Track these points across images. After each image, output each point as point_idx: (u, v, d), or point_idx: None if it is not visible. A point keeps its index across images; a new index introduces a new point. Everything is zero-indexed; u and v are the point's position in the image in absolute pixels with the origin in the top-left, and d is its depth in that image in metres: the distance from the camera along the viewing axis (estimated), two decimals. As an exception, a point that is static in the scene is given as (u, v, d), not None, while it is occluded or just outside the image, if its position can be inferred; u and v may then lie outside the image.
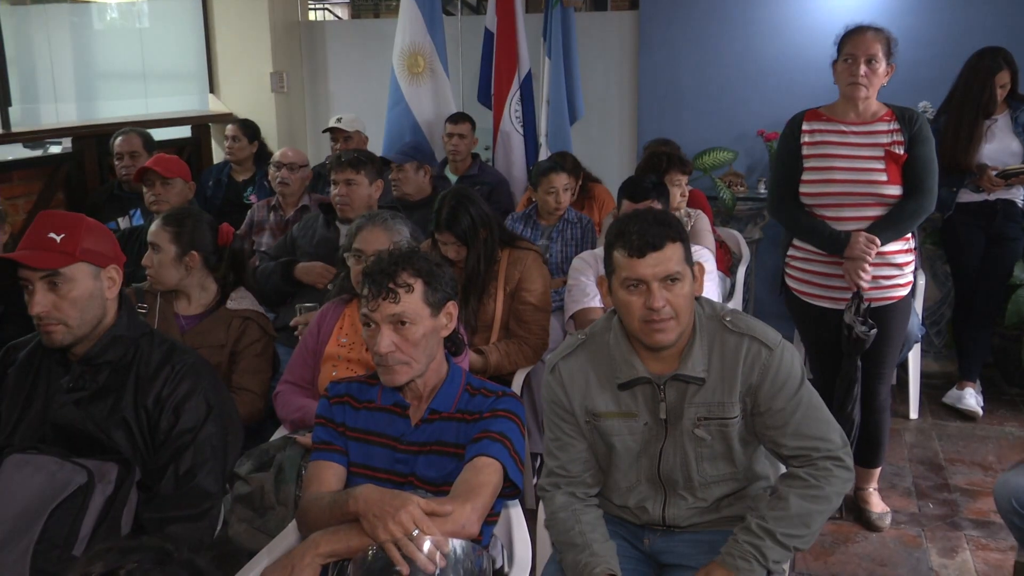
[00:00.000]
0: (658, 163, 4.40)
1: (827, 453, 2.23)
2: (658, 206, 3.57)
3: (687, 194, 4.49)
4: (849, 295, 3.42)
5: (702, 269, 2.36)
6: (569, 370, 2.38)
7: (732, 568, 2.15)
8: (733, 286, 4.73)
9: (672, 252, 2.19)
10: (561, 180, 4.61)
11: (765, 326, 2.31)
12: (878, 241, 3.33)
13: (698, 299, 2.35)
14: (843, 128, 3.46)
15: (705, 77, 6.04)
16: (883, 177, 3.37)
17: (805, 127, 3.53)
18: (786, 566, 2.26)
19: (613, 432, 2.33)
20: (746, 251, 5.11)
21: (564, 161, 4.95)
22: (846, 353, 3.47)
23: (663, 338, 2.21)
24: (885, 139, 3.40)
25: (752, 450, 2.37)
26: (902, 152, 3.37)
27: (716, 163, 5.83)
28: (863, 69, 3.34)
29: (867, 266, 3.34)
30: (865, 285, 3.37)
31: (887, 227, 3.37)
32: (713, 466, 2.33)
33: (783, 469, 2.36)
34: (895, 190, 3.38)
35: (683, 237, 2.26)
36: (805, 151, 3.50)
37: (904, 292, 3.53)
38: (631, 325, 2.25)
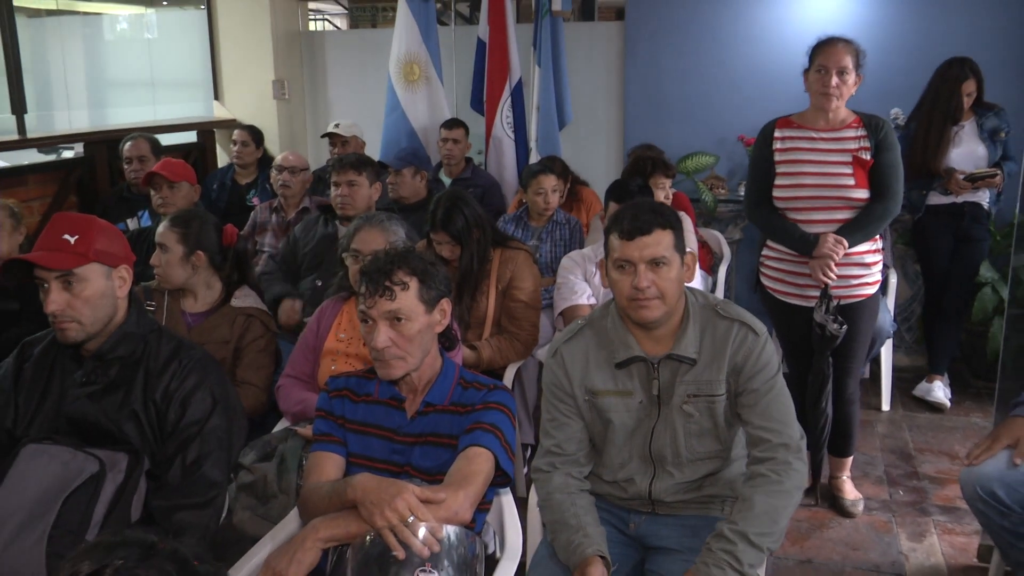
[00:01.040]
0: (643, 167, 4.42)
1: (786, 440, 2.26)
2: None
3: (670, 196, 4.50)
4: (819, 292, 3.45)
5: (694, 257, 2.43)
6: (571, 352, 2.43)
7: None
8: (714, 284, 4.75)
9: (660, 238, 2.27)
10: (549, 182, 4.62)
11: (753, 316, 2.38)
12: (845, 242, 3.37)
13: (692, 289, 2.42)
14: (813, 135, 3.48)
15: (688, 85, 6.05)
16: (851, 181, 3.39)
17: (777, 134, 3.55)
18: (760, 572, 2.26)
19: (611, 409, 2.38)
20: (727, 251, 5.12)
21: (553, 164, 4.97)
22: (817, 350, 3.50)
23: (647, 314, 2.28)
24: (853, 145, 3.42)
25: (734, 432, 2.41)
26: (869, 158, 3.39)
27: (698, 167, 5.84)
28: (835, 80, 3.36)
29: (833, 264, 3.37)
30: (830, 282, 3.40)
31: (855, 229, 3.40)
32: (700, 442, 2.38)
33: None
34: (862, 194, 3.41)
35: (674, 226, 2.33)
36: (777, 157, 3.52)
37: (872, 290, 3.55)
38: (620, 302, 2.34)
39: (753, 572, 2.15)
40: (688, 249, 2.38)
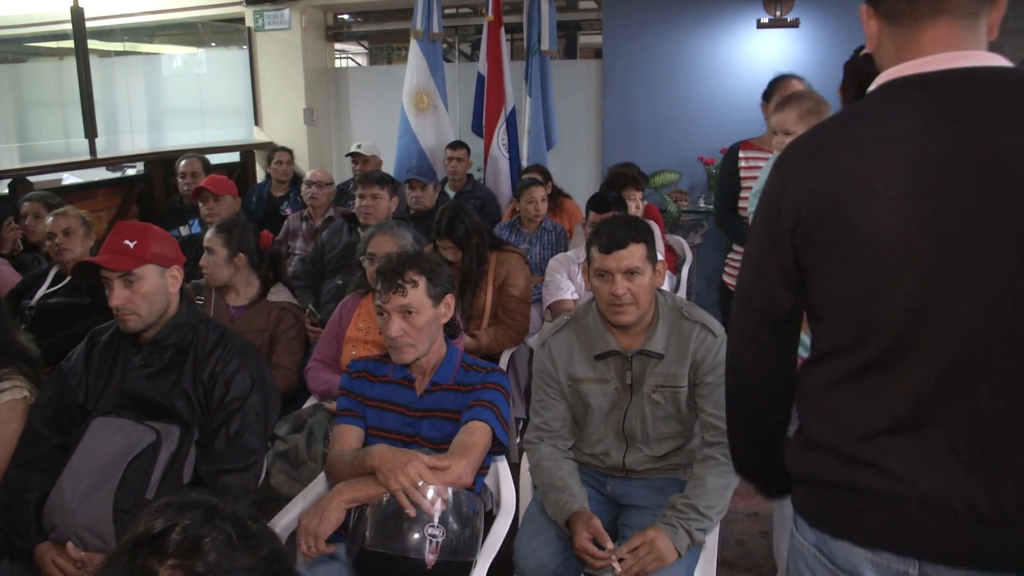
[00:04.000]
0: (617, 181, 4.39)
1: None
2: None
3: (641, 207, 4.47)
4: None
5: (664, 265, 2.41)
6: (557, 344, 2.42)
7: (667, 532, 2.12)
8: (678, 282, 4.73)
9: (635, 251, 2.24)
10: (539, 193, 4.61)
11: (714, 319, 2.35)
12: None
13: (663, 292, 2.40)
14: (770, 155, 3.47)
15: (656, 113, 6.04)
16: None
17: (741, 155, 3.56)
18: (708, 537, 2.23)
19: (590, 394, 2.37)
20: (689, 254, 5.09)
21: (538, 172, 5.08)
22: None
23: (623, 318, 2.26)
24: None
25: (694, 416, 2.39)
26: None
27: (665, 182, 5.82)
28: None
29: None
30: None
31: None
32: (665, 425, 2.36)
33: None
34: None
35: (647, 239, 2.30)
36: (742, 174, 3.53)
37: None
38: (601, 306, 2.32)
39: (701, 536, 2.16)
40: (659, 258, 2.37)
